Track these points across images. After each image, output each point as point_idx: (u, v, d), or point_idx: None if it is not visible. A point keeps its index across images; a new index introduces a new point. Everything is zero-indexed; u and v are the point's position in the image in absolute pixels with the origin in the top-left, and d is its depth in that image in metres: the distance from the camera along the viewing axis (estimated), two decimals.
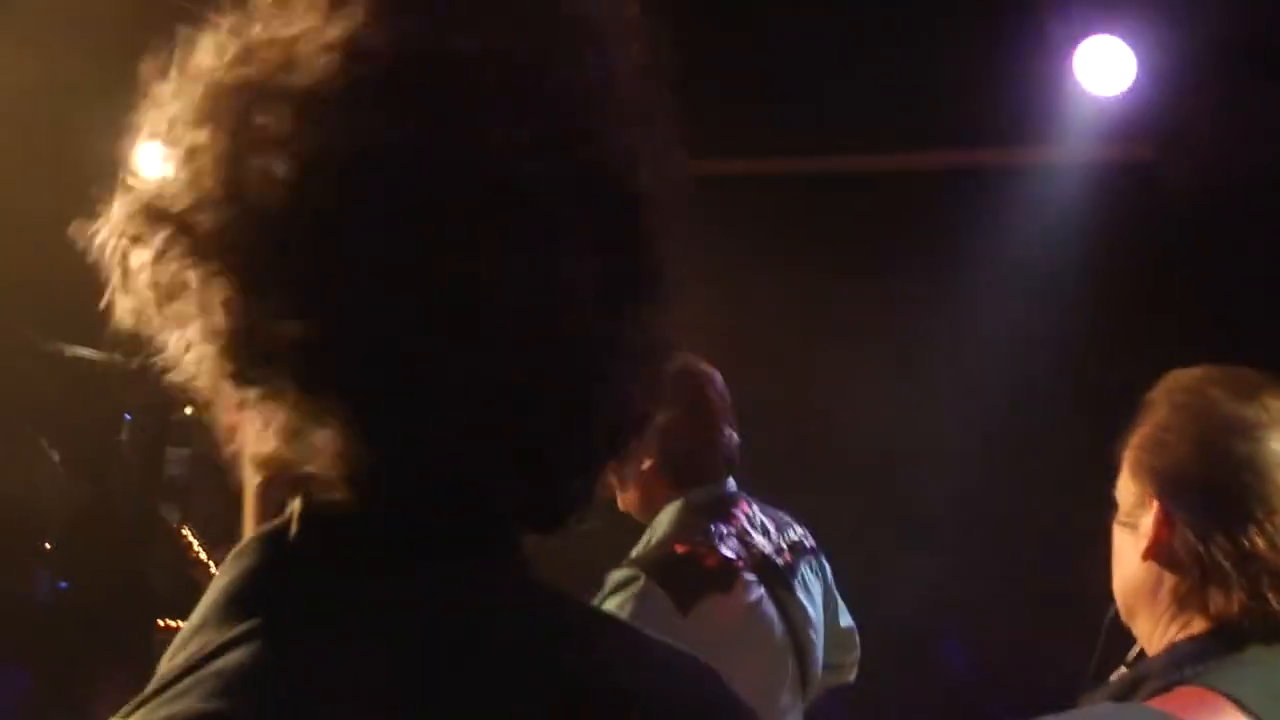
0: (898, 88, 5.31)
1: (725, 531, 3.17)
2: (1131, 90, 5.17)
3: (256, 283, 0.87)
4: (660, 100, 0.97)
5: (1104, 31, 5.15)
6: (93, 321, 0.95)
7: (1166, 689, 1.79)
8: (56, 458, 6.46)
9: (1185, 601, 1.87)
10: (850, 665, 3.52)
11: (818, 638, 3.25)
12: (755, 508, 3.30)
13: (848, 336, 5.78)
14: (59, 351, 6.12)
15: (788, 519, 3.38)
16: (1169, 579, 1.89)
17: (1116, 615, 3.61)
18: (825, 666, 3.36)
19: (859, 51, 5.28)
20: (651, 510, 3.26)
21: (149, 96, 0.92)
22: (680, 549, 3.11)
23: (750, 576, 3.13)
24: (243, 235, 0.87)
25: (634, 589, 2.97)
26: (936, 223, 5.70)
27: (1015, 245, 5.64)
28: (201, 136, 0.88)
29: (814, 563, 3.34)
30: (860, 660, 3.56)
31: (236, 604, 0.90)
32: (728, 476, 3.29)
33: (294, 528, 0.92)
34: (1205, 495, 1.86)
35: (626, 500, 3.31)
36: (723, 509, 3.23)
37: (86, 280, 0.96)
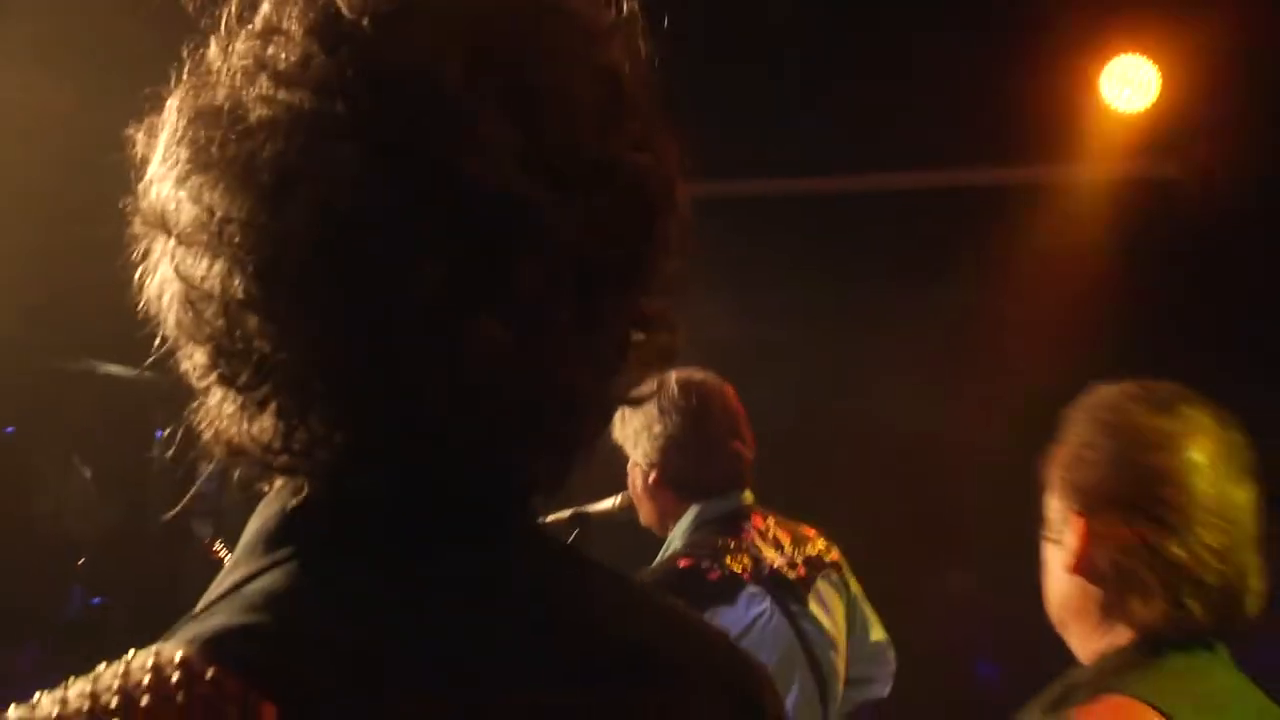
0: (923, 106, 5.31)
1: (733, 545, 3.17)
2: (1156, 107, 5.17)
3: (253, 293, 0.90)
4: (649, 99, 1.00)
5: (1129, 49, 5.15)
6: (124, 338, 0.98)
7: (1092, 699, 1.81)
8: (88, 474, 6.50)
9: (1110, 613, 1.90)
10: (882, 680, 3.50)
11: (836, 653, 3.24)
12: (771, 521, 3.30)
13: (877, 350, 5.78)
14: (90, 369, 6.16)
15: (808, 533, 3.36)
16: (1094, 591, 1.92)
17: None
18: (853, 681, 3.36)
19: (885, 71, 5.29)
20: (664, 524, 3.28)
21: (154, 118, 0.97)
22: (683, 563, 3.12)
23: (755, 589, 3.13)
24: (239, 251, 0.90)
25: None
26: (964, 239, 5.70)
27: (1042, 261, 5.64)
28: (192, 158, 0.93)
29: (834, 577, 3.32)
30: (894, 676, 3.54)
31: (267, 540, 0.95)
32: (740, 489, 3.29)
33: (303, 498, 0.96)
34: (1124, 508, 1.89)
35: (644, 515, 3.32)
36: (733, 522, 3.23)
37: (117, 297, 0.99)
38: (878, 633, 3.47)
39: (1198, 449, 1.88)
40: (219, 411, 0.95)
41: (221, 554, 3.30)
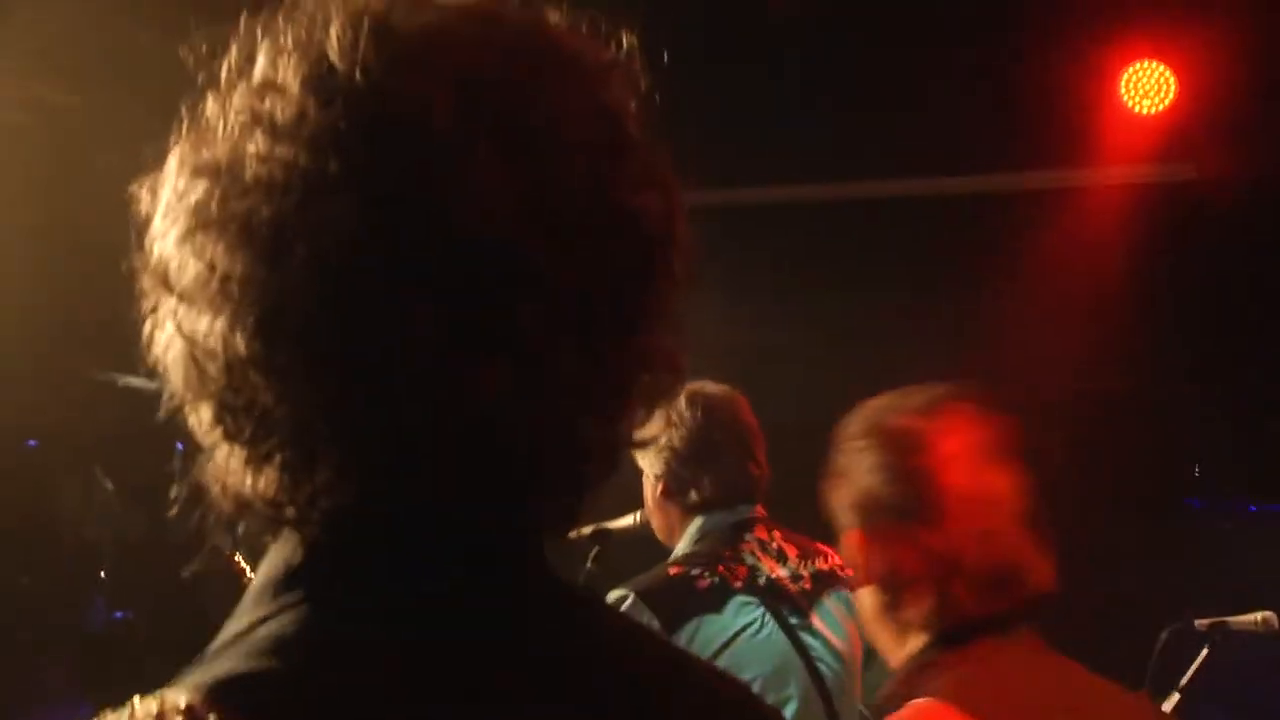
0: (937, 113, 5.31)
1: (728, 555, 3.16)
2: (1173, 111, 5.16)
3: (255, 348, 0.91)
4: (645, 136, 0.99)
5: (1145, 54, 5.14)
6: (145, 350, 1.00)
7: (900, 707, 1.86)
8: (110, 486, 6.52)
9: (899, 618, 1.97)
10: None
11: (847, 672, 3.21)
12: (777, 534, 3.27)
13: (886, 358, 5.77)
14: (111, 381, 6.18)
15: (820, 549, 3.32)
16: (882, 599, 1.98)
17: (1171, 635, 3.59)
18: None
19: (902, 77, 5.28)
20: (672, 536, 3.28)
21: (161, 169, 0.98)
22: (673, 571, 3.13)
23: (747, 599, 3.11)
24: (240, 307, 0.91)
25: (622, 609, 2.98)
26: (978, 245, 5.70)
27: (1057, 266, 5.63)
28: (192, 216, 0.94)
29: (846, 595, 3.26)
30: None
31: (274, 586, 0.95)
32: (748, 503, 3.26)
33: (309, 548, 0.96)
34: (892, 513, 1.95)
35: (656, 527, 3.32)
36: (734, 534, 3.21)
37: (138, 309, 1.00)
38: None
39: (953, 442, 1.95)
40: (226, 467, 0.95)
41: (242, 564, 3.32)
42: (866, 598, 2.02)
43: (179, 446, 1.03)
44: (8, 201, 4.88)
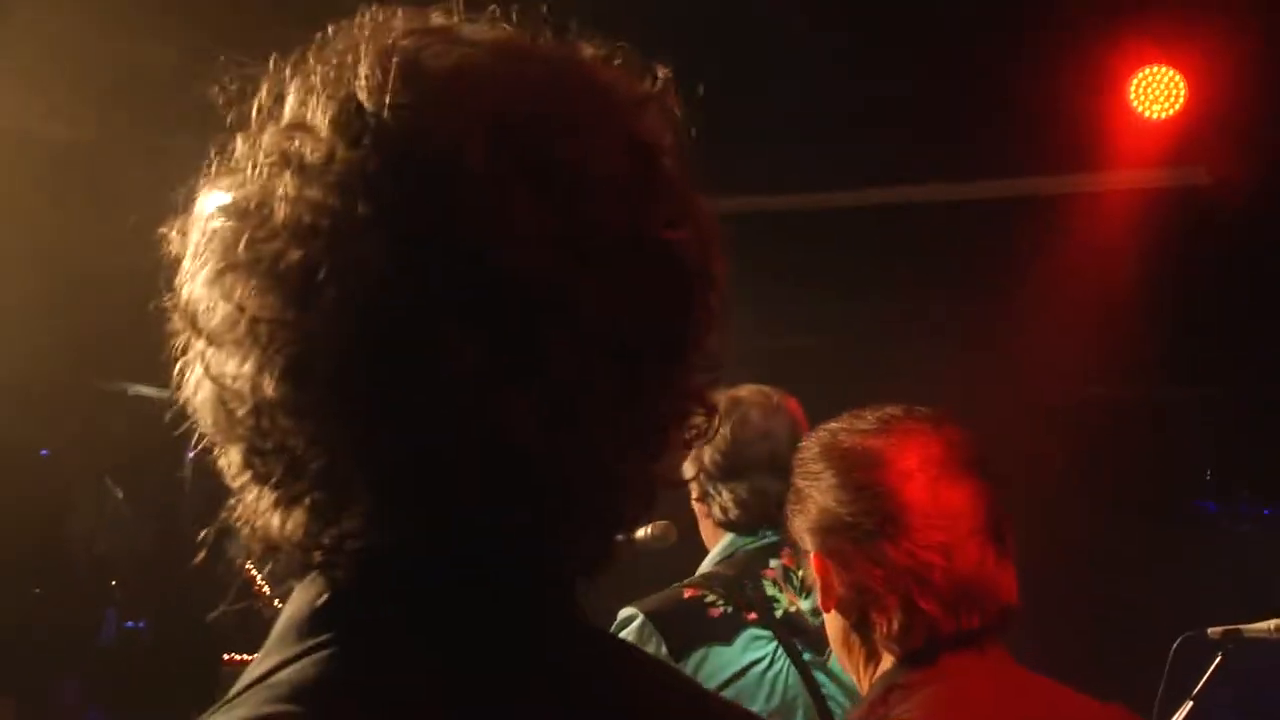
0: (948, 117, 5.31)
1: (748, 584, 3.06)
2: (1184, 115, 5.16)
3: (284, 391, 0.90)
4: (680, 169, 0.98)
5: (1155, 59, 5.14)
6: (155, 360, 1.00)
7: None
8: (121, 495, 6.55)
9: (866, 638, 1.95)
10: None
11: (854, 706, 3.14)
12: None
13: (902, 364, 5.77)
14: (122, 390, 6.20)
15: None
16: (849, 621, 1.97)
17: (1184, 643, 3.58)
18: None
19: (911, 82, 5.28)
20: (708, 540, 3.20)
21: (187, 209, 0.97)
22: (688, 593, 3.03)
23: (760, 632, 3.02)
24: (269, 350, 0.90)
25: (631, 628, 2.93)
26: (995, 251, 5.69)
27: (1068, 271, 5.63)
28: (221, 258, 0.93)
29: None
30: None
31: (298, 629, 0.94)
32: (771, 526, 3.12)
33: (336, 585, 0.95)
34: (848, 533, 1.94)
35: (701, 530, 3.26)
36: (758, 560, 3.12)
37: (149, 320, 1.00)
38: None
39: (908, 458, 1.95)
40: (255, 508, 0.95)
41: (254, 574, 3.31)
42: (833, 622, 2.00)
43: (189, 455, 1.02)
44: (20, 217, 4.89)
